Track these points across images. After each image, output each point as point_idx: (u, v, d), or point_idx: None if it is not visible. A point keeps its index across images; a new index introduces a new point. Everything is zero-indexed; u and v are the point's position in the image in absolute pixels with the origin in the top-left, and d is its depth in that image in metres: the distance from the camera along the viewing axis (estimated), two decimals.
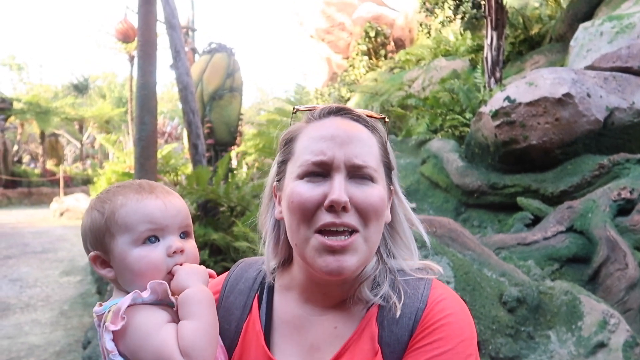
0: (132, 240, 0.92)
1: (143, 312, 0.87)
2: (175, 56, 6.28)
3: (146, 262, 0.91)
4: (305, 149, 0.93)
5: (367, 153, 0.92)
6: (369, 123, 0.98)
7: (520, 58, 9.96)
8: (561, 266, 4.11)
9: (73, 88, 37.01)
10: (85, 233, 0.97)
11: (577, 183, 5.01)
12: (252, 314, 1.03)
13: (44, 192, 24.76)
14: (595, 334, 2.98)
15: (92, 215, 0.96)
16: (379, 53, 17.35)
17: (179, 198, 1.00)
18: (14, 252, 10.71)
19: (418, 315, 0.91)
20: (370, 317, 0.94)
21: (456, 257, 3.35)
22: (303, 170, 0.92)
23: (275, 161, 1.04)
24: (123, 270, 0.93)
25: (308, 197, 0.89)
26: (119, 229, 0.92)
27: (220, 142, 9.41)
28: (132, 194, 0.95)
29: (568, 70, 5.47)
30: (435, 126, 7.63)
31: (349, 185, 0.90)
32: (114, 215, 0.93)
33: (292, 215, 0.92)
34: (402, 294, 0.93)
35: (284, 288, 1.04)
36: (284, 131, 1.03)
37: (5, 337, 5.62)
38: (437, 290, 0.95)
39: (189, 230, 0.99)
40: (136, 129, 4.85)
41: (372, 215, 0.90)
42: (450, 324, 0.89)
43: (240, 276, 1.10)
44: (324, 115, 0.98)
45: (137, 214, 0.92)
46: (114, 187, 0.99)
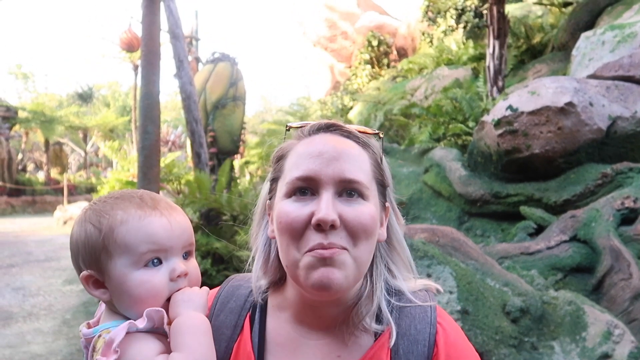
0: (132, 262, 0.84)
1: (136, 344, 0.81)
2: (179, 65, 6.32)
3: (147, 288, 0.84)
4: (293, 166, 0.91)
5: (357, 169, 0.89)
6: (360, 139, 0.95)
7: (522, 67, 9.98)
8: (565, 276, 4.08)
9: (77, 97, 37.24)
10: (76, 248, 0.87)
11: (580, 192, 5.00)
12: (244, 335, 0.99)
13: (48, 200, 24.83)
14: (599, 345, 2.95)
15: (86, 229, 0.86)
16: (381, 62, 17.42)
17: (183, 214, 0.93)
18: (17, 261, 10.73)
19: (431, 341, 0.90)
20: (379, 346, 0.90)
21: (459, 266, 3.34)
22: (290, 187, 0.89)
23: (268, 178, 1.01)
24: (120, 294, 0.85)
25: (295, 217, 0.86)
26: (118, 248, 0.84)
27: (223, 151, 9.44)
28: (134, 209, 0.86)
29: (570, 79, 5.48)
30: (438, 135, 7.63)
31: (338, 203, 0.86)
32: (112, 232, 0.84)
33: (281, 236, 0.89)
34: (411, 320, 0.92)
35: (276, 308, 1.00)
36: (276, 148, 1.01)
37: (8, 346, 5.61)
38: (443, 317, 0.96)
39: (191, 249, 0.93)
40: (139, 137, 4.87)
41: (362, 235, 0.86)
42: (464, 350, 0.92)
43: (232, 294, 1.06)
44: (314, 131, 0.95)
45: (140, 234, 0.84)
46: (111, 198, 0.89)
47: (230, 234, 5.86)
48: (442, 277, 3.19)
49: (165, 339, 0.84)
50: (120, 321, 0.84)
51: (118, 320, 0.86)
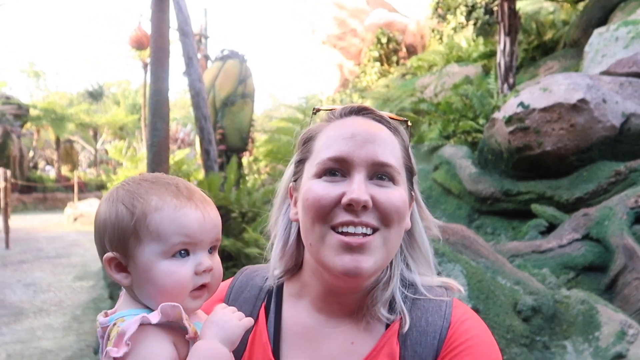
0: (162, 251, 0.81)
1: (148, 341, 0.78)
2: (188, 63, 6.32)
3: (174, 279, 0.81)
4: (324, 147, 0.89)
5: (389, 153, 0.88)
6: (391, 124, 0.94)
7: (533, 64, 9.88)
8: (577, 275, 4.03)
9: (88, 95, 37.54)
10: (103, 228, 0.84)
11: (593, 190, 4.93)
12: (259, 324, 0.97)
13: (59, 197, 25.07)
14: (613, 345, 2.90)
15: (117, 209, 0.83)
16: (390, 59, 17.35)
17: (215, 208, 0.91)
18: (28, 257, 10.84)
19: (442, 335, 0.86)
20: (390, 334, 0.89)
21: (469, 264, 3.30)
22: (321, 168, 0.88)
23: (293, 160, 1.00)
24: (144, 282, 0.83)
25: (324, 194, 0.85)
26: (149, 235, 0.81)
27: (232, 148, 9.44)
28: (169, 197, 0.83)
29: (583, 76, 5.40)
30: (448, 132, 7.58)
31: (370, 185, 0.85)
32: (145, 218, 0.81)
33: (306, 214, 0.87)
34: (423, 313, 0.89)
35: (293, 296, 0.98)
36: (303, 130, 0.99)
37: (19, 342, 5.66)
38: (459, 310, 0.91)
39: (217, 244, 0.90)
40: (148, 135, 4.88)
41: (394, 216, 0.85)
42: (478, 346, 0.85)
43: (246, 284, 1.05)
44: (345, 114, 0.94)
45: (174, 224, 0.81)
46: (145, 180, 0.86)
47: (239, 231, 5.86)
48: (453, 275, 3.16)
49: (181, 334, 0.81)
50: (138, 310, 0.82)
51: (135, 309, 0.84)
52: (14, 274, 9.21)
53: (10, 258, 10.69)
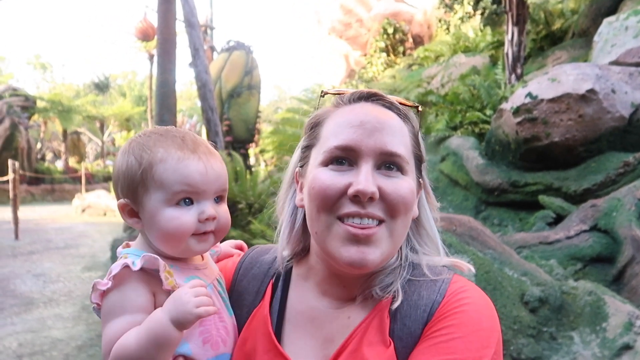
0: (165, 199, 0.88)
1: (126, 285, 0.85)
2: (195, 54, 6.32)
3: (176, 225, 0.87)
4: (332, 134, 0.88)
5: (398, 142, 0.86)
6: (401, 111, 0.92)
7: (541, 54, 9.79)
8: (584, 266, 4.02)
9: (94, 87, 37.63)
10: (117, 177, 0.92)
11: (601, 181, 4.90)
12: (264, 301, 0.98)
13: (66, 188, 25.25)
14: (620, 336, 2.90)
15: (128, 160, 0.90)
16: (397, 50, 17.24)
17: (220, 160, 0.95)
18: (38, 248, 10.94)
19: (434, 308, 0.85)
20: (381, 308, 0.88)
21: (477, 256, 3.31)
22: (327, 156, 0.86)
23: (299, 146, 0.99)
24: (151, 226, 0.90)
25: (330, 184, 0.84)
26: (154, 184, 0.88)
27: (238, 140, 9.46)
28: (174, 149, 0.89)
29: (592, 66, 5.35)
30: (455, 123, 7.55)
31: (377, 175, 0.84)
32: (151, 168, 0.87)
33: (312, 202, 0.87)
34: (417, 288, 0.88)
35: (300, 278, 0.99)
36: (310, 115, 0.97)
37: (30, 331, 5.73)
38: (457, 284, 0.88)
39: (224, 194, 0.95)
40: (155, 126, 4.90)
41: (401, 208, 0.84)
42: (466, 312, 0.82)
43: (256, 260, 1.06)
44: (354, 100, 0.92)
45: (176, 174, 0.87)
46: (155, 133, 0.92)
47: (246, 222, 5.89)
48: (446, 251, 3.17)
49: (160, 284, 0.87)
50: (143, 252, 0.89)
51: (142, 250, 0.91)
52: (23, 264, 9.31)
53: (19, 249, 10.80)
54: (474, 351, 0.78)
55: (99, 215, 17.37)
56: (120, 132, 36.01)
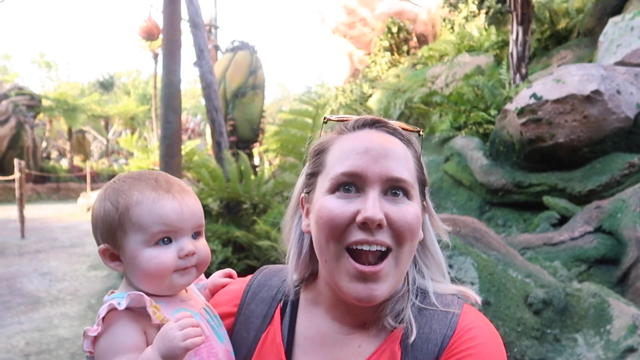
0: (144, 240, 0.90)
1: (116, 326, 0.86)
2: (199, 55, 6.35)
3: (156, 263, 0.90)
4: (337, 161, 0.89)
5: (403, 168, 0.87)
6: (404, 136, 0.93)
7: (546, 53, 9.77)
8: (589, 267, 4.02)
9: (99, 85, 37.74)
10: (96, 223, 0.94)
11: (606, 182, 4.90)
12: (273, 325, 0.99)
13: (72, 187, 25.37)
14: (624, 338, 2.91)
15: (105, 206, 0.92)
16: (401, 49, 17.21)
17: (195, 198, 0.98)
18: (44, 247, 11.01)
19: (445, 343, 0.86)
20: (393, 339, 0.89)
21: (481, 257, 3.31)
22: (334, 183, 0.87)
23: (304, 172, 1.00)
24: (133, 268, 0.92)
25: (339, 213, 0.85)
26: (132, 227, 0.90)
27: (242, 140, 9.49)
28: (149, 191, 0.91)
29: (597, 67, 5.34)
30: (459, 123, 7.54)
31: (384, 202, 0.85)
32: (128, 212, 0.90)
33: (320, 231, 0.87)
34: (428, 320, 0.89)
35: (309, 303, 1.00)
36: (315, 142, 0.98)
37: (36, 330, 5.78)
38: (467, 317, 0.89)
39: (201, 230, 0.98)
40: (161, 127, 4.92)
41: (408, 235, 0.85)
42: (478, 354, 0.83)
43: (264, 283, 1.07)
44: (358, 127, 0.93)
45: (152, 215, 0.90)
46: (129, 177, 0.95)
47: (251, 222, 5.91)
48: (464, 268, 3.18)
49: (149, 320, 0.88)
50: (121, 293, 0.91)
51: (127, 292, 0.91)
52: (30, 263, 9.37)
53: (26, 247, 10.88)
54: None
55: None
56: (124, 130, 36.12)
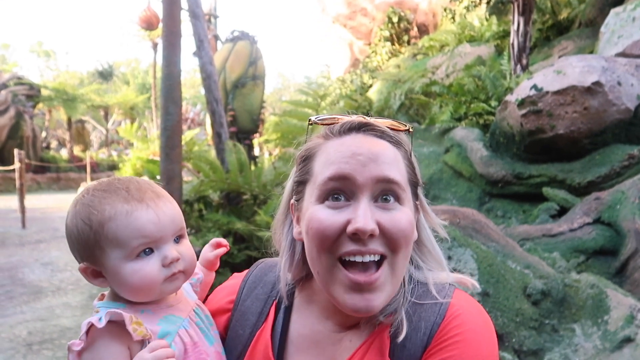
0: (124, 255, 0.86)
1: (97, 344, 0.85)
2: (199, 45, 6.32)
3: (141, 276, 0.87)
4: (325, 169, 0.86)
5: (394, 171, 0.85)
6: (393, 138, 0.90)
7: (547, 44, 9.73)
8: (587, 258, 4.05)
9: (98, 75, 37.59)
10: (71, 242, 0.90)
11: (606, 174, 4.91)
12: (268, 323, 0.99)
13: (72, 177, 25.37)
14: (621, 329, 2.94)
15: (77, 225, 0.88)
16: (401, 39, 17.13)
17: (170, 201, 0.94)
18: (45, 237, 11.05)
19: (433, 330, 0.85)
20: (382, 329, 0.89)
21: (480, 248, 3.34)
22: (323, 189, 0.85)
23: (292, 178, 0.97)
24: (118, 283, 0.89)
25: (329, 224, 0.82)
26: (109, 243, 0.86)
27: (243, 130, 9.48)
28: (120, 203, 0.87)
29: (598, 58, 5.33)
30: (460, 114, 7.53)
31: (375, 209, 0.83)
32: (102, 229, 0.86)
33: (311, 242, 0.85)
34: (418, 309, 0.88)
35: (304, 301, 0.99)
36: (301, 148, 0.96)
37: (39, 319, 5.83)
38: (457, 302, 0.88)
39: (182, 233, 0.94)
40: (161, 119, 4.92)
41: (402, 242, 0.84)
42: (466, 341, 0.82)
43: (260, 279, 1.06)
44: (344, 131, 0.90)
45: (129, 229, 0.86)
46: (98, 190, 0.90)
47: (251, 213, 5.93)
48: (463, 260, 3.20)
49: (129, 337, 0.86)
50: (114, 304, 0.89)
51: (113, 302, 0.91)
52: (31, 253, 9.41)
53: (27, 237, 10.92)
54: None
55: None
56: (124, 120, 36.05)
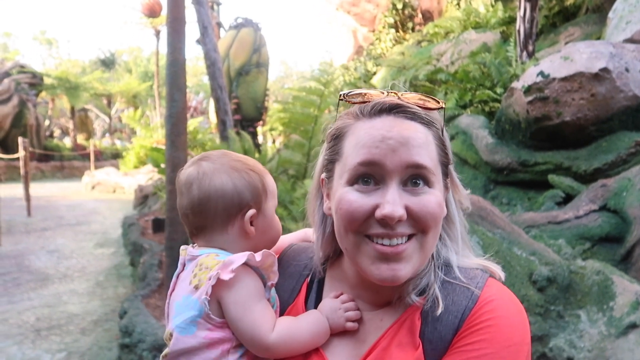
0: (274, 205, 1.07)
1: (248, 275, 0.95)
2: (203, 32, 6.29)
3: (279, 228, 1.08)
4: (354, 151, 0.86)
5: (424, 155, 0.85)
6: (424, 119, 0.88)
7: (554, 30, 9.62)
8: (593, 245, 4.05)
9: (100, 63, 37.50)
10: (235, 193, 1.01)
11: (612, 161, 4.89)
12: (299, 299, 1.02)
13: (76, 165, 25.47)
14: (627, 315, 2.95)
15: (249, 175, 1.02)
16: (406, 26, 16.97)
17: None
18: (50, 225, 11.12)
19: (465, 314, 0.85)
20: (414, 310, 0.89)
21: (486, 235, 3.34)
22: (352, 174, 0.86)
23: (322, 154, 0.99)
24: (269, 229, 1.06)
25: (357, 207, 0.84)
26: (269, 193, 1.05)
27: (247, 118, 9.46)
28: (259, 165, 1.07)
29: (606, 44, 5.27)
30: (465, 101, 7.49)
31: (404, 194, 0.83)
32: (265, 180, 1.04)
33: (339, 222, 0.87)
34: (450, 292, 0.88)
35: (334, 280, 1.02)
36: (332, 124, 0.96)
37: (46, 306, 5.89)
38: (490, 289, 0.88)
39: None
40: (166, 106, 4.91)
41: (431, 223, 0.84)
42: (498, 326, 0.82)
43: (293, 259, 1.09)
44: (376, 113, 0.89)
45: (273, 185, 1.07)
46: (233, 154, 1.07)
47: None
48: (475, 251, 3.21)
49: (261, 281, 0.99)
50: (222, 251, 1.00)
51: (215, 249, 1.00)
52: (37, 240, 9.48)
53: (32, 225, 10.99)
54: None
55: (109, 192, 17.55)
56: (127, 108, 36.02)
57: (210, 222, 1.01)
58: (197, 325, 0.92)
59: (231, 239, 1.02)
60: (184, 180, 1.02)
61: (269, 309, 0.95)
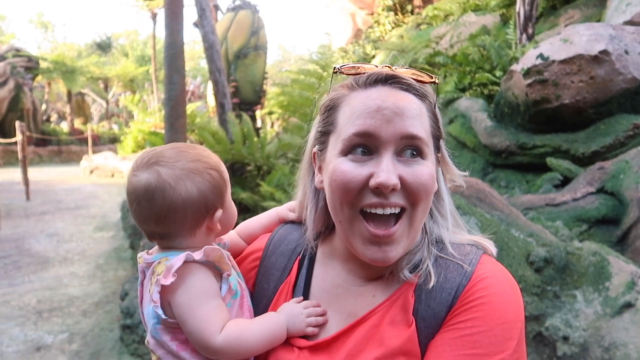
0: (229, 192, 1.05)
1: (197, 274, 0.93)
2: (201, 14, 6.23)
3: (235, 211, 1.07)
4: (349, 122, 0.86)
5: (418, 126, 0.85)
6: (419, 91, 0.89)
7: (554, 13, 9.55)
8: (590, 227, 4.09)
9: (96, 46, 37.14)
10: (201, 197, 0.96)
11: (610, 143, 4.91)
12: (291, 277, 1.02)
13: (73, 150, 25.39)
14: (622, 295, 2.99)
15: (211, 176, 0.98)
16: (405, 8, 16.82)
17: None
18: (49, 208, 11.13)
19: (459, 291, 0.85)
20: (407, 287, 0.90)
21: (484, 217, 3.37)
22: (347, 144, 0.85)
23: (315, 127, 0.98)
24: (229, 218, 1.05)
25: (352, 177, 0.84)
26: (227, 184, 1.04)
27: (245, 101, 9.43)
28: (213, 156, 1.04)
29: (605, 26, 5.25)
30: (464, 84, 7.47)
31: (398, 164, 0.84)
32: (223, 174, 1.02)
33: (334, 194, 0.87)
34: (443, 269, 0.88)
35: (326, 256, 1.02)
36: (325, 96, 0.96)
37: (47, 289, 5.93)
38: (484, 266, 0.88)
39: None
40: (165, 88, 4.89)
41: (423, 195, 0.85)
42: (492, 304, 0.82)
43: (284, 237, 1.09)
44: (371, 83, 0.88)
45: (227, 172, 1.05)
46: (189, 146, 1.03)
47: (255, 183, 5.96)
48: (467, 228, 3.24)
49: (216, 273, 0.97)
50: (176, 252, 0.95)
51: (175, 252, 0.97)
52: (36, 224, 9.50)
53: (31, 209, 11.00)
54: (497, 345, 0.79)
55: (107, 176, 17.53)
56: (124, 93, 35.79)
57: (177, 230, 0.97)
58: (160, 331, 0.94)
59: (197, 240, 0.99)
60: (143, 189, 0.94)
61: (220, 310, 0.92)
